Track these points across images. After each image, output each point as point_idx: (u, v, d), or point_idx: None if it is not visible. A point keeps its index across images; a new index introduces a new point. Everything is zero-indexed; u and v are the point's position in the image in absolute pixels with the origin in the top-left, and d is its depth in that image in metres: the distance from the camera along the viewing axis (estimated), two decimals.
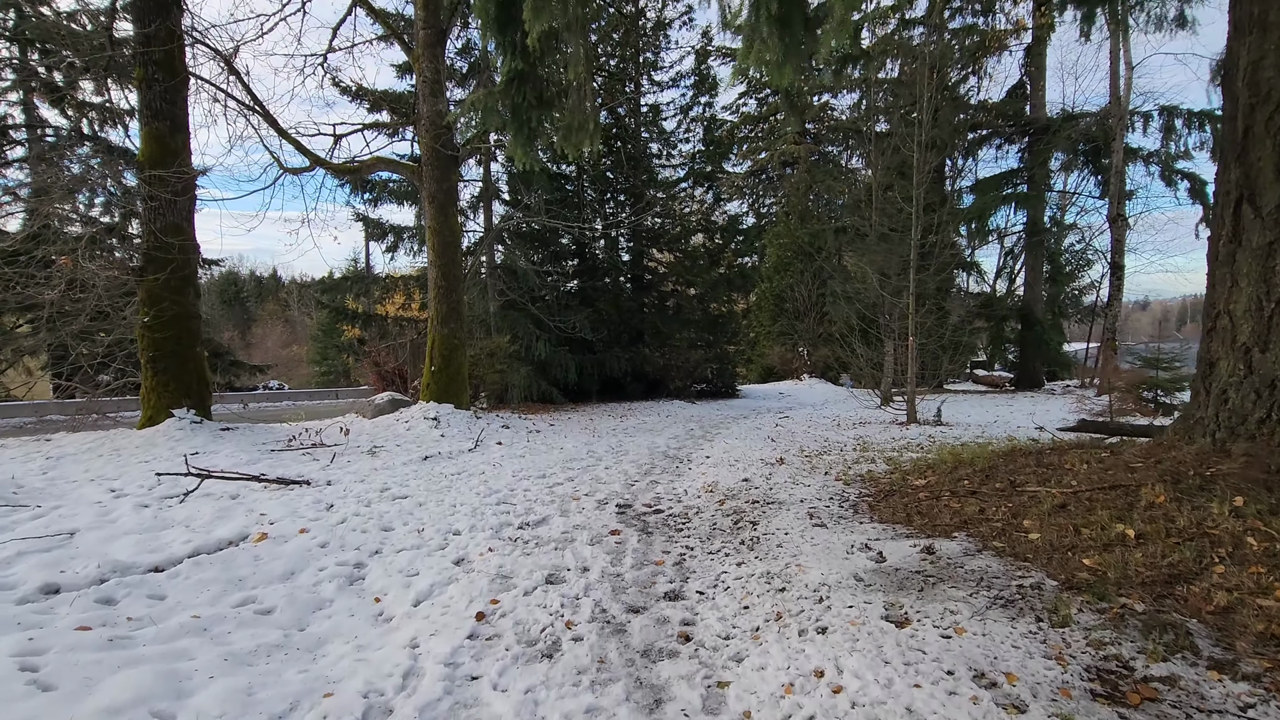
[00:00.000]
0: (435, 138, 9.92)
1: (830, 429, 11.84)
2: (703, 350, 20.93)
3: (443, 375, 10.12)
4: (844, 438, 10.19)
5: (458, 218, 10.48)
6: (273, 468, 6.63)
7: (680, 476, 6.76)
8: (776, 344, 30.49)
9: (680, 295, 21.70)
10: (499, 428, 9.94)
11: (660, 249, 21.90)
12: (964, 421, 12.56)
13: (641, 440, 9.83)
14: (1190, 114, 17.04)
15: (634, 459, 8.01)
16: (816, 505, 4.96)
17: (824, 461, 7.09)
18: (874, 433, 11.04)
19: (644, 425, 12.41)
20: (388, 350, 12.36)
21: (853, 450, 8.22)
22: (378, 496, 5.48)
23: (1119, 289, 16.38)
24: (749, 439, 10.13)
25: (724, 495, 5.64)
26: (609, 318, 19.23)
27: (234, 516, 4.79)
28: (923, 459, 6.62)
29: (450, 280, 10.24)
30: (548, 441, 9.30)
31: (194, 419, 8.27)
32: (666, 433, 11.17)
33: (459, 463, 7.25)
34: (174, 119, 8.39)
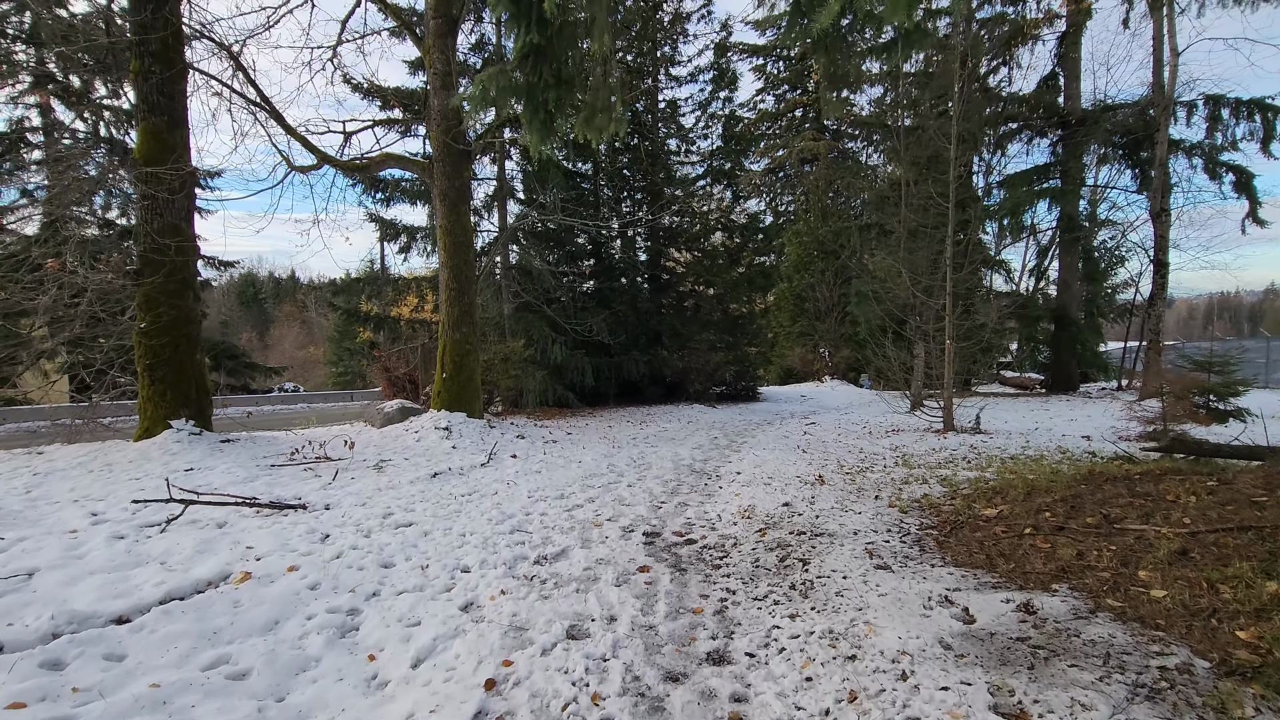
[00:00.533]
0: (446, 132, 9.39)
1: (863, 437, 11.18)
2: (723, 352, 20.28)
3: (454, 382, 9.59)
4: (880, 448, 9.53)
5: (470, 216, 9.96)
6: (270, 486, 6.12)
7: (711, 497, 6.16)
8: (796, 345, 29.78)
9: (699, 295, 21.08)
10: (513, 438, 9.39)
11: (678, 248, 21.29)
12: (1003, 429, 11.84)
13: (664, 451, 9.24)
14: (1239, 103, 16.14)
15: (658, 474, 7.42)
16: (874, 540, 4.34)
17: (869, 481, 6.45)
18: (910, 442, 10.37)
19: (665, 433, 11.81)
20: (398, 355, 11.86)
21: (895, 465, 7.57)
22: (379, 524, 4.93)
23: (1162, 287, 15.51)
24: (778, 449, 9.50)
25: (764, 523, 5.03)
26: (626, 319, 18.65)
27: (217, 550, 4.26)
28: (981, 479, 5.96)
29: (462, 282, 9.72)
30: (565, 453, 8.73)
31: (193, 430, 7.80)
32: (689, 442, 10.57)
33: (470, 480, 6.70)
34: (172, 114, 7.92)
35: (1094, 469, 5.09)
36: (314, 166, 10.63)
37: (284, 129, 10.25)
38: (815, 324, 29.38)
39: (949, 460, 7.99)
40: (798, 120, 39.10)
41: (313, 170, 10.71)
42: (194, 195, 8.35)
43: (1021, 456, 8.27)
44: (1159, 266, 15.51)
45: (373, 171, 10.29)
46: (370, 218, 17.30)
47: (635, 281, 20.40)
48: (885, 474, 6.80)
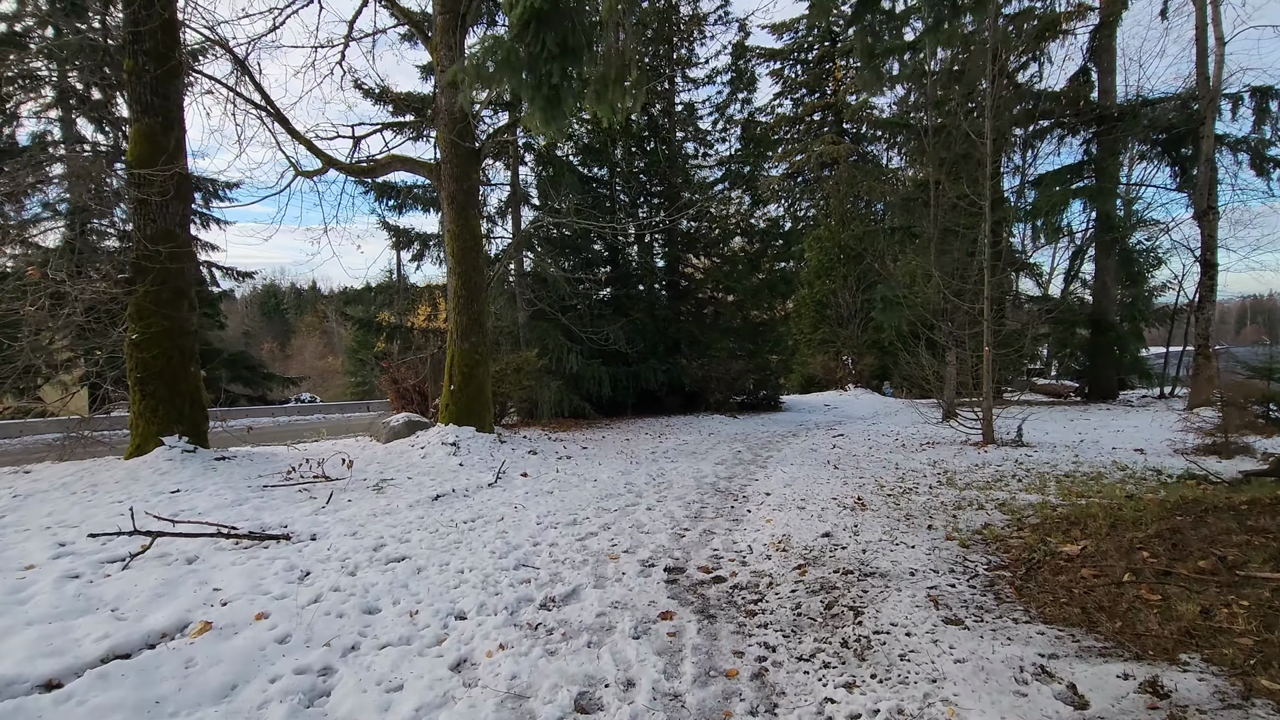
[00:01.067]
0: (454, 132, 8.92)
1: (896, 451, 10.47)
2: (743, 360, 19.62)
3: (463, 395, 9.07)
4: (918, 464, 8.83)
5: (479, 220, 9.47)
6: (258, 511, 5.60)
7: (739, 523, 5.54)
8: (818, 352, 29.00)
9: (719, 302, 20.46)
10: (525, 454, 8.84)
11: (697, 254, 20.71)
12: (1045, 440, 11.06)
13: (685, 467, 8.62)
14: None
15: (679, 494, 6.81)
16: (937, 583, 3.69)
17: (915, 505, 5.78)
18: (949, 456, 9.65)
19: (685, 447, 11.19)
20: (407, 366, 11.39)
21: (940, 484, 6.88)
22: (368, 559, 4.37)
23: (1211, 289, 14.60)
24: (808, 464, 8.85)
25: (802, 558, 4.40)
26: (644, 327, 18.08)
27: (179, 593, 3.73)
28: (1045, 505, 5.26)
29: (471, 289, 9.21)
30: (580, 470, 8.15)
31: (186, 448, 7.34)
32: (712, 456, 9.94)
33: (476, 503, 6.13)
34: (166, 115, 7.51)
35: (1187, 496, 4.39)
36: (320, 171, 10.22)
37: (289, 133, 9.85)
38: (837, 330, 28.60)
39: (997, 479, 7.29)
40: (816, 124, 38.42)
41: (319, 175, 10.31)
42: (190, 200, 7.94)
43: (1077, 475, 7.53)
44: (1207, 267, 14.61)
45: (379, 175, 9.86)
46: (383, 225, 16.95)
47: (653, 288, 19.85)
48: (932, 496, 6.12)
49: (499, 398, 11.18)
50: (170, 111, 7.51)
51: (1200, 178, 14.62)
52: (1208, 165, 14.48)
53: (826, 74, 37.83)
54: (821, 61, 37.76)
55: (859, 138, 37.59)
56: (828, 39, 37.36)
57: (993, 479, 7.27)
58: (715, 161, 20.49)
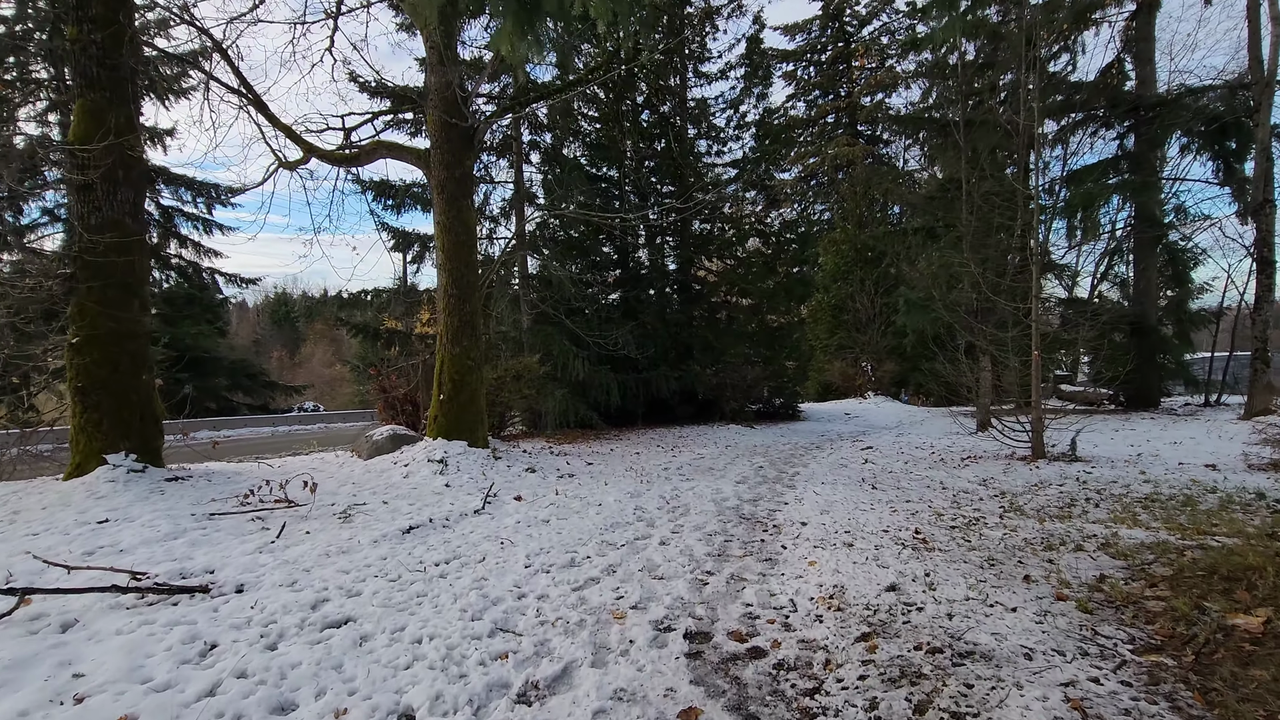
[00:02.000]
0: (445, 111, 7.96)
1: (936, 466, 9.36)
2: (759, 367, 18.55)
3: (453, 405, 8.07)
4: (967, 483, 7.72)
5: (473, 212, 8.50)
6: (191, 548, 4.61)
7: (774, 565, 4.47)
8: (835, 358, 27.84)
9: (733, 306, 19.41)
10: (521, 471, 7.80)
11: (709, 256, 19.69)
12: (1098, 454, 9.90)
13: (703, 487, 7.56)
14: None
15: (698, 522, 5.75)
16: (1072, 675, 2.61)
17: (989, 541, 4.69)
18: (997, 473, 8.53)
19: (701, 461, 10.12)
20: (397, 373, 10.42)
21: (1007, 511, 5.78)
22: (298, 624, 3.34)
23: (1269, 288, 13.36)
24: (841, 484, 7.76)
25: (866, 622, 3.33)
26: (655, 332, 17.06)
27: (25, 681, 2.72)
28: (1164, 545, 4.16)
29: (463, 288, 8.23)
30: (583, 492, 7.10)
31: (134, 466, 6.38)
32: (731, 473, 8.87)
33: (455, 537, 5.10)
34: (114, 89, 6.59)
35: None
36: (302, 160, 9.30)
37: (268, 119, 8.94)
38: (855, 336, 27.44)
39: (1068, 504, 6.18)
40: (830, 126, 37.38)
41: (302, 165, 9.39)
42: (144, 187, 7.02)
43: (1161, 498, 6.41)
44: (1264, 264, 13.38)
45: (364, 163, 8.91)
46: (382, 227, 16.09)
47: (664, 292, 18.84)
48: (1007, 530, 5.02)
49: (498, 407, 10.18)
50: (118, 85, 6.58)
51: (1256, 169, 13.43)
52: (1264, 155, 13.29)
53: (840, 75, 36.82)
54: (835, 62, 36.75)
55: (874, 139, 36.49)
56: (841, 39, 36.38)
57: (1064, 504, 6.16)
58: (729, 161, 19.51)
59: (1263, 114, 13.30)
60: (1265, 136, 13.33)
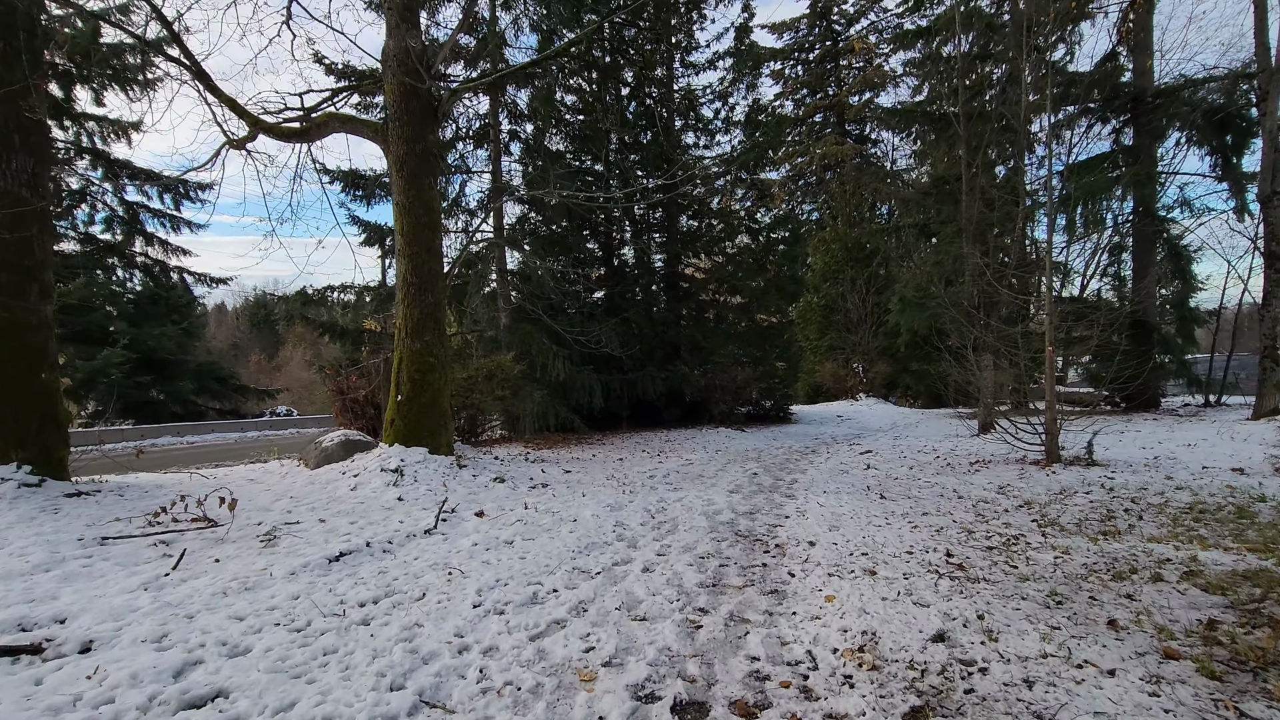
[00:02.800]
0: (406, 75, 7.07)
1: (944, 472, 8.57)
2: (749, 367, 17.75)
3: (413, 407, 7.16)
4: (984, 491, 6.94)
5: (436, 192, 7.60)
6: (62, 583, 3.68)
7: (782, 600, 3.63)
8: (826, 360, 27.14)
9: (721, 305, 18.60)
10: (489, 481, 6.90)
11: (697, 253, 18.89)
12: (1112, 457, 9.19)
13: (692, 498, 6.70)
14: None
15: (687, 541, 4.90)
16: None
17: (1041, 568, 3.87)
18: (1013, 479, 7.76)
19: (690, 468, 9.27)
20: (358, 373, 9.46)
21: (1043, 524, 4.98)
22: (142, 705, 2.43)
23: (1277, 284, 12.77)
24: (845, 493, 6.94)
25: (914, 690, 2.49)
26: (641, 332, 16.22)
27: None
28: (1262, 575, 3.37)
29: (425, 277, 7.33)
30: (556, 505, 6.22)
31: (28, 479, 5.42)
32: (723, 481, 8.02)
33: (396, 565, 4.21)
34: (5, 36, 5.65)
35: None
36: (249, 137, 8.37)
37: (207, 87, 8.01)
38: (846, 337, 26.77)
39: (1108, 516, 5.40)
40: (818, 125, 36.77)
41: (249, 141, 8.46)
42: (47, 156, 6.07)
43: (1206, 507, 5.65)
44: (1271, 259, 12.78)
45: (315, 137, 7.98)
46: (352, 220, 15.15)
47: (651, 290, 18.01)
48: (1055, 551, 4.20)
49: (469, 410, 9.27)
50: (9, 32, 5.63)
51: (1264, 160, 12.82)
52: (1270, 144, 12.69)
53: (828, 74, 36.25)
54: (823, 61, 36.17)
55: (863, 138, 35.94)
56: (829, 38, 35.82)
57: (1103, 517, 5.38)
58: (717, 156, 18.74)
59: (1271, 102, 12.71)
60: (1274, 125, 12.74)
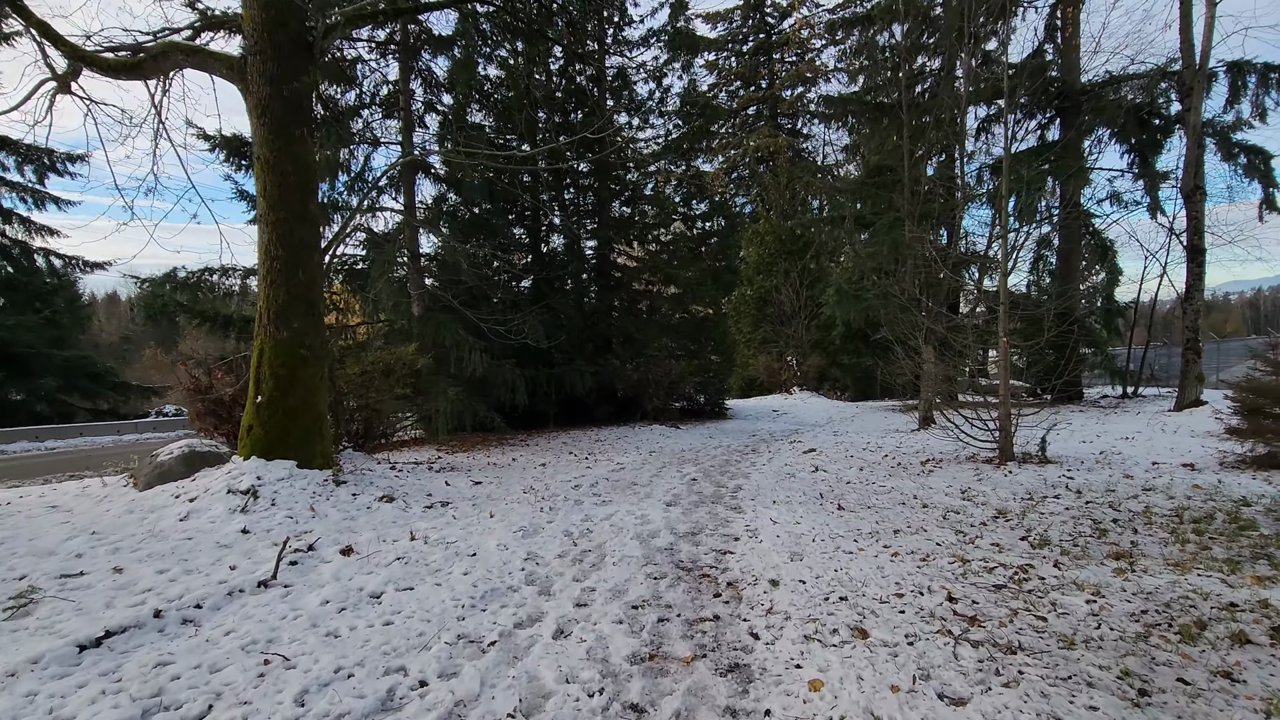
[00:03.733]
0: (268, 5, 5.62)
1: (896, 474, 7.81)
2: (684, 361, 16.85)
3: (277, 410, 5.72)
4: (946, 497, 6.16)
5: (310, 145, 6.15)
6: None
7: (750, 685, 2.55)
8: (759, 353, 26.64)
9: (655, 296, 17.58)
10: (372, 501, 5.55)
11: (630, 241, 17.81)
12: (1062, 454, 8.72)
13: (624, 514, 5.59)
14: (1268, 69, 13.78)
15: (617, 582, 3.78)
16: None
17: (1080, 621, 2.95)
18: (970, 480, 7.07)
19: (621, 474, 8.16)
20: (224, 369, 7.80)
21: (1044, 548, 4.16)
22: None
23: (1199, 278, 12.84)
24: (798, 503, 6.01)
25: None
26: (570, 323, 15.01)
27: None
28: None
29: (294, 249, 5.89)
30: (454, 531, 4.97)
31: None
32: (659, 490, 6.95)
33: (185, 650, 2.86)
34: None
35: None
36: (71, 73, 6.65)
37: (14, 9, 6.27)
38: (780, 330, 26.34)
39: (1099, 530, 4.66)
40: (752, 118, 36.36)
41: (73, 78, 6.73)
42: None
43: (1194, 514, 5.02)
44: (1194, 253, 12.84)
45: (151, 73, 6.36)
46: (239, 194, 13.23)
47: (581, 279, 16.79)
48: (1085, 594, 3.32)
49: (364, 410, 7.84)
50: None
51: (1187, 156, 12.86)
52: (1195, 141, 12.74)
53: (762, 66, 35.85)
54: (757, 53, 35.72)
55: (795, 132, 35.75)
56: (762, 30, 35.40)
57: (1091, 530, 4.64)
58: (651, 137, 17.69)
59: (1195, 98, 12.74)
60: (1197, 121, 12.78)
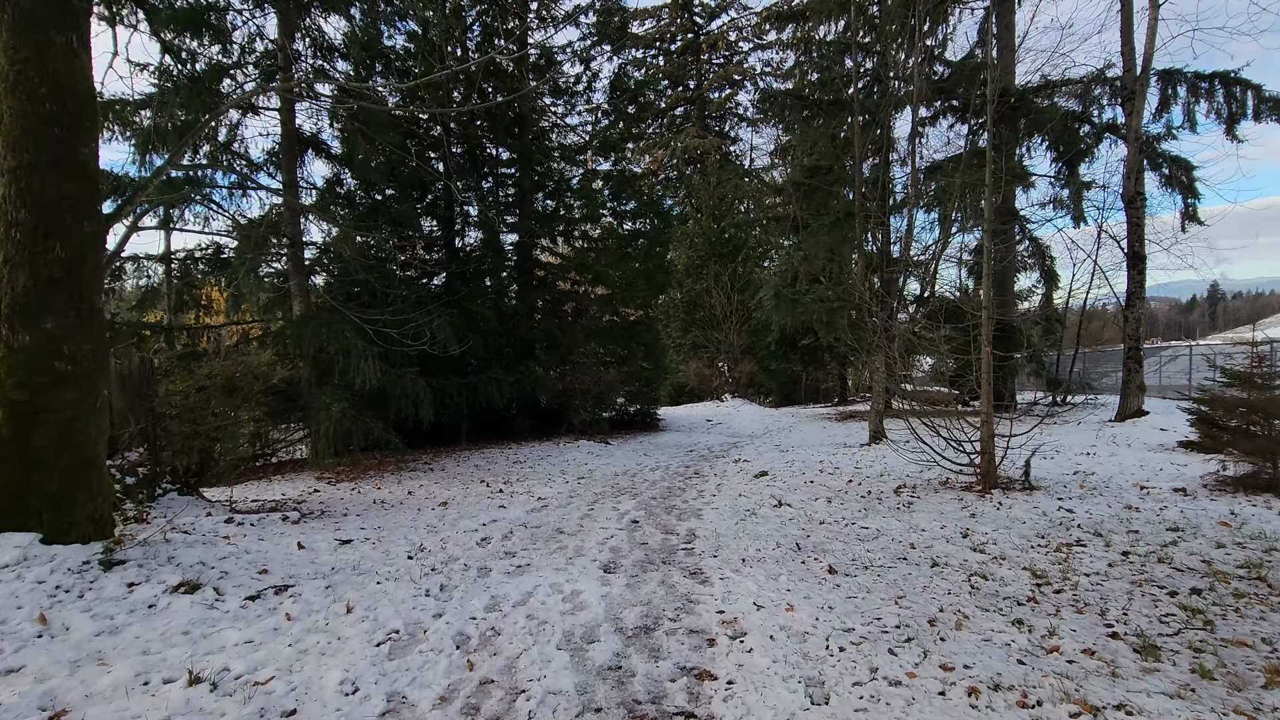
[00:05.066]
0: None
1: (875, 509, 6.49)
2: (614, 368, 15.30)
3: (11, 455, 3.71)
4: (955, 549, 4.84)
5: (81, 62, 4.14)
6: None
7: None
8: (690, 358, 25.45)
9: (583, 297, 15.95)
10: (160, 595, 3.60)
11: (554, 237, 16.10)
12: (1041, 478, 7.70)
13: (547, 590, 3.92)
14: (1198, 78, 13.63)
15: None
16: None
17: None
18: (962, 517, 5.85)
19: (543, 514, 6.46)
20: None
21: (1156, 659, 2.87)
22: None
23: (1140, 285, 12.52)
24: (773, 560, 4.52)
25: None
26: (487, 326, 13.16)
27: None
28: None
29: (46, 211, 3.88)
30: (276, 652, 3.14)
31: None
32: (593, 540, 5.32)
33: None
34: None
35: None
36: None
37: None
38: (710, 334, 25.25)
39: (1185, 608, 3.44)
40: (679, 119, 35.32)
41: None
42: None
43: (1256, 561, 3.91)
44: (1135, 260, 12.52)
45: None
46: None
47: (500, 277, 14.93)
48: None
49: (199, 440, 5.79)
50: None
51: (1129, 161, 12.51)
52: (1135, 145, 12.39)
53: (689, 66, 34.87)
54: (685, 53, 34.73)
55: (723, 135, 34.98)
56: (691, 30, 34.43)
57: (1173, 605, 3.41)
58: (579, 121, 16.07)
59: (1137, 102, 12.38)
60: (1139, 126, 12.43)
